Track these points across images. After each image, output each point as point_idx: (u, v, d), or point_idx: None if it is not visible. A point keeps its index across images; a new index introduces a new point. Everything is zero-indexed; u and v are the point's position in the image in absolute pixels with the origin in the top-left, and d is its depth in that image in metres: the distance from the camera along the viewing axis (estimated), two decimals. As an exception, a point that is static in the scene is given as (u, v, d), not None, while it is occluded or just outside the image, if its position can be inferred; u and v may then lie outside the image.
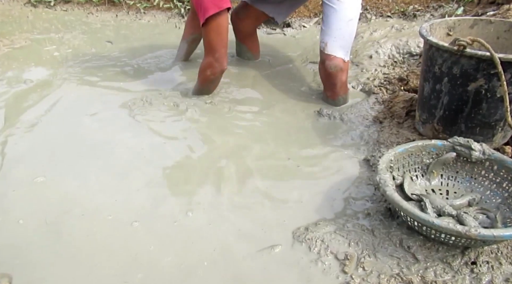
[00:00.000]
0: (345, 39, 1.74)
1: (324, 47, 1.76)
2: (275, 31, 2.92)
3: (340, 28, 1.72)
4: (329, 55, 1.74)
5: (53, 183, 1.37)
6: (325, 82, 1.86)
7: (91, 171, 1.43)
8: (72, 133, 1.66)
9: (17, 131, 1.67)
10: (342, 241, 1.13)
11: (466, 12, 2.39)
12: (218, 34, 1.71)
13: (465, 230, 0.95)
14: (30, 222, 1.21)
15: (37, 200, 1.29)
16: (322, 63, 1.80)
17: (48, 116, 1.79)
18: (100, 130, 1.68)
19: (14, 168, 1.44)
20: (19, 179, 1.39)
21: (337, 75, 1.77)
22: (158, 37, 2.89)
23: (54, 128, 1.70)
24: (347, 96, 1.89)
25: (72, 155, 1.52)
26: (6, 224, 1.20)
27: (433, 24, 1.52)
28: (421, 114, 1.55)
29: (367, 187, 1.36)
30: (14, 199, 1.30)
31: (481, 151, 1.22)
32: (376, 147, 1.55)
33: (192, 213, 1.25)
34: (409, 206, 1.04)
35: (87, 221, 1.21)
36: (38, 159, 1.49)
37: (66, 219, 1.22)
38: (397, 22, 2.53)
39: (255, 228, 1.19)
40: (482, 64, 1.26)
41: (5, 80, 2.13)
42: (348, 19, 1.72)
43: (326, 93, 1.89)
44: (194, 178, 1.41)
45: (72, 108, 1.86)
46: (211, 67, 1.79)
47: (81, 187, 1.35)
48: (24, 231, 1.17)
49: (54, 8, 3.56)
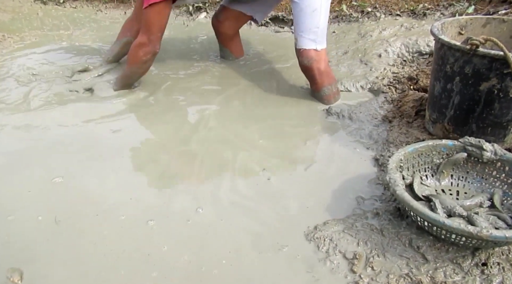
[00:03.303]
0: (312, 30, 1.74)
1: (296, 43, 1.80)
2: (282, 29, 2.91)
3: (304, 21, 1.74)
4: (300, 49, 1.78)
5: (71, 183, 1.37)
6: (306, 76, 1.89)
7: (108, 171, 1.43)
8: (87, 134, 1.66)
9: (30, 131, 1.68)
10: (351, 240, 1.12)
11: (477, 10, 2.36)
12: (159, 17, 1.74)
13: (476, 231, 0.94)
14: (43, 220, 1.21)
15: (54, 199, 1.29)
16: (298, 60, 1.83)
17: (62, 116, 1.79)
18: (115, 132, 1.68)
19: (33, 168, 1.44)
20: (38, 179, 1.39)
21: (312, 67, 1.79)
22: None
23: (68, 128, 1.70)
24: (333, 87, 1.86)
25: (90, 155, 1.52)
26: (20, 222, 1.21)
27: (444, 23, 1.51)
28: (431, 114, 1.53)
29: (376, 186, 1.35)
30: (30, 198, 1.30)
31: (492, 151, 1.21)
32: (386, 146, 1.54)
33: (203, 209, 1.25)
34: (419, 206, 1.03)
35: (101, 220, 1.21)
36: (56, 159, 1.49)
37: (80, 217, 1.22)
38: (407, 20, 2.50)
39: (264, 226, 1.19)
40: (495, 64, 1.25)
41: (14, 77, 2.15)
42: (312, 10, 1.73)
43: (311, 87, 1.91)
44: (203, 172, 1.42)
45: (85, 109, 1.85)
46: (144, 46, 1.78)
47: (98, 186, 1.36)
48: (37, 229, 1.18)
49: (64, 5, 3.59)
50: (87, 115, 1.79)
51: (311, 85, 1.90)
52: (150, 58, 1.85)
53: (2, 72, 2.20)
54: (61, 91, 1.98)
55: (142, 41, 1.79)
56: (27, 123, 1.72)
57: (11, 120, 1.75)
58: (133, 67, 1.89)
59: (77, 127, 1.71)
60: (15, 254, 1.10)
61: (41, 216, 1.22)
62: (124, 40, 2.18)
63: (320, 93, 1.85)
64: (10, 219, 1.21)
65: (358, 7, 2.74)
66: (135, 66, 1.88)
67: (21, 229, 1.18)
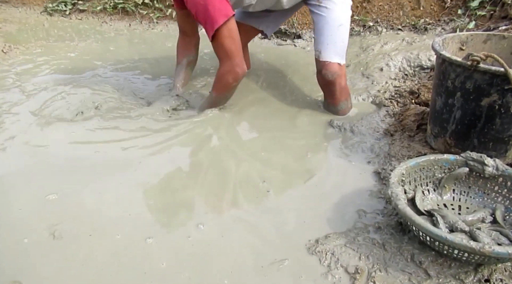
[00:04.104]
0: (338, 44, 1.75)
1: (318, 55, 1.78)
2: (285, 43, 2.95)
3: (331, 35, 1.74)
4: (325, 62, 1.76)
5: (66, 200, 1.34)
6: (325, 90, 1.87)
7: (106, 187, 1.40)
8: (84, 148, 1.62)
9: (29, 146, 1.64)
10: (353, 254, 1.12)
11: (478, 26, 2.38)
12: (232, 39, 1.67)
13: (479, 247, 0.94)
14: (39, 236, 1.19)
15: (49, 216, 1.27)
16: (319, 72, 1.81)
17: (59, 131, 1.74)
18: (113, 147, 1.64)
19: (27, 184, 1.41)
20: (31, 195, 1.36)
21: (335, 82, 1.78)
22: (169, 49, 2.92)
23: (65, 143, 1.65)
24: (349, 102, 1.88)
25: (86, 171, 1.48)
26: (16, 237, 1.19)
27: (445, 38, 1.52)
28: (433, 128, 1.54)
29: (377, 200, 1.35)
30: (24, 215, 1.27)
31: (494, 166, 1.21)
32: (387, 160, 1.54)
33: (204, 225, 1.23)
34: (421, 221, 1.03)
35: (97, 238, 1.19)
36: (50, 176, 1.45)
37: (77, 233, 1.20)
38: (408, 35, 2.54)
39: (265, 241, 1.19)
40: (496, 80, 1.26)
41: (20, 88, 2.17)
42: (338, 25, 1.74)
43: (327, 100, 1.90)
44: (205, 185, 1.42)
45: (84, 122, 1.81)
46: (232, 72, 1.72)
47: (94, 203, 1.32)
48: (33, 245, 1.16)
49: (69, 17, 3.65)
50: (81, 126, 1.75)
51: (328, 99, 1.89)
52: (239, 82, 1.79)
53: (7, 83, 2.23)
54: (66, 104, 1.97)
55: (228, 69, 1.72)
56: (28, 138, 1.69)
57: (15, 131, 1.75)
58: (224, 94, 1.83)
59: (75, 144, 1.66)
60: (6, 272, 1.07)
61: (33, 232, 1.19)
62: (185, 61, 2.08)
63: (337, 107, 1.86)
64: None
65: (360, 21, 2.78)
66: (226, 93, 1.83)
67: (16, 246, 1.16)
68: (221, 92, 1.83)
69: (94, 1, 3.64)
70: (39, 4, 3.84)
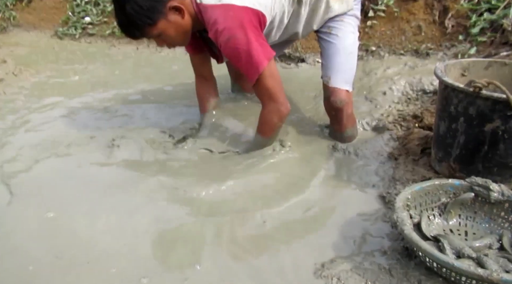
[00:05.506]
0: (347, 72, 1.78)
1: (327, 81, 1.78)
2: (289, 66, 3.00)
3: (341, 62, 1.76)
4: (334, 88, 1.76)
5: (63, 221, 1.35)
6: (332, 116, 1.87)
7: (100, 211, 1.39)
8: (82, 170, 1.64)
9: (29, 165, 1.68)
10: (359, 279, 1.11)
11: (479, 52, 2.43)
12: (275, 79, 1.63)
13: (487, 274, 0.93)
14: (39, 256, 1.20)
15: (47, 236, 1.28)
16: (327, 99, 1.81)
17: (61, 150, 1.78)
18: (112, 169, 1.65)
19: (24, 203, 1.42)
20: (30, 214, 1.37)
21: (343, 109, 1.79)
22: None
23: (64, 164, 1.68)
24: (354, 129, 1.89)
25: (81, 192, 1.49)
26: (15, 256, 1.20)
27: (447, 64, 1.56)
28: (437, 153, 1.55)
29: (383, 224, 1.35)
30: (23, 234, 1.29)
31: (499, 191, 1.21)
32: (392, 184, 1.54)
33: (200, 266, 1.18)
34: (428, 247, 1.03)
35: (90, 270, 1.17)
36: (47, 195, 1.47)
37: (74, 260, 1.20)
38: (410, 59, 2.58)
39: (270, 271, 1.16)
40: (498, 106, 1.28)
41: (29, 110, 2.22)
42: (348, 53, 1.78)
43: (334, 127, 1.90)
44: (201, 214, 1.39)
45: (84, 144, 1.84)
46: (277, 113, 1.66)
47: (88, 228, 1.32)
48: (34, 264, 1.17)
49: (79, 41, 3.75)
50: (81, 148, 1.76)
51: (334, 125, 1.88)
52: (286, 119, 1.74)
53: (17, 105, 2.28)
54: (79, 127, 1.99)
55: (273, 109, 1.66)
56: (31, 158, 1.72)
57: (24, 153, 1.78)
58: (271, 135, 1.76)
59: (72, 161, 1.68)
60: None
61: (33, 252, 1.21)
62: (211, 107, 1.99)
63: (343, 134, 1.86)
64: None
65: (363, 46, 2.83)
66: (272, 135, 1.76)
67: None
68: (269, 134, 1.75)
69: (103, 25, 3.75)
70: (49, 28, 3.95)
